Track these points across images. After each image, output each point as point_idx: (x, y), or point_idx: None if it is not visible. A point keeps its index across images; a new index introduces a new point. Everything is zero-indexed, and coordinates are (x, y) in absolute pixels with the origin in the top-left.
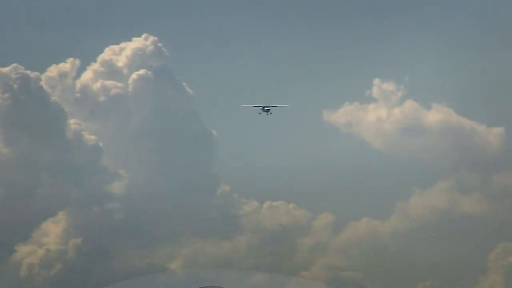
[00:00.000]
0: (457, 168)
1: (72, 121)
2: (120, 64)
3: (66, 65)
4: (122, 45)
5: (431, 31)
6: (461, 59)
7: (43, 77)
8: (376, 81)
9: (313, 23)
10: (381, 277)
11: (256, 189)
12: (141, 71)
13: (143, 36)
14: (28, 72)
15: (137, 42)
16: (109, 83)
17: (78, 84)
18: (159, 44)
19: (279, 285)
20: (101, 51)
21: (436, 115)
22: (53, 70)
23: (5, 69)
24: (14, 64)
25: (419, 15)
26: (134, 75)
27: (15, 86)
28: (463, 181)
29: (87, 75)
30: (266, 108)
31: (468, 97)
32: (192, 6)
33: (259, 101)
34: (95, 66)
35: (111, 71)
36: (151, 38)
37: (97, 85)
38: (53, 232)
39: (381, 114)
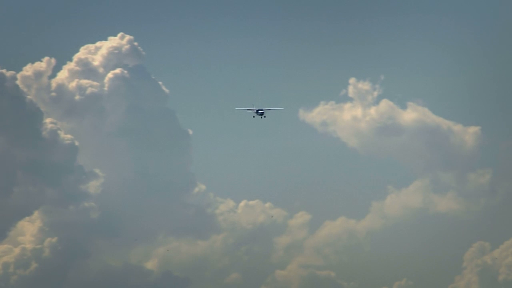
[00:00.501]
0: (433, 168)
1: (48, 120)
2: (96, 63)
3: (42, 64)
4: (98, 44)
5: (407, 32)
6: (436, 59)
7: (18, 76)
8: (352, 80)
9: (289, 23)
10: (357, 276)
11: (232, 188)
12: (117, 70)
13: (119, 35)
14: (4, 71)
15: (113, 41)
16: (85, 82)
17: (53, 83)
18: (135, 43)
19: (254, 285)
20: (77, 50)
21: (412, 114)
22: (28, 69)
23: None
24: None
25: (394, 16)
26: (110, 74)
27: None
28: (439, 181)
29: (62, 74)
30: (260, 111)
31: (444, 96)
32: (168, 6)
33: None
34: (70, 65)
35: (86, 70)
36: (127, 37)
37: (73, 84)
38: (29, 231)
39: (357, 113)
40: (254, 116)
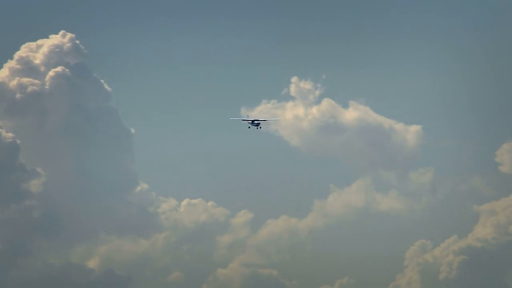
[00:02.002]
0: (375, 166)
1: None
2: (37, 61)
3: None
4: (39, 42)
5: (348, 31)
6: (377, 57)
7: None
8: (294, 79)
9: (230, 21)
10: (299, 274)
11: (175, 187)
12: (58, 68)
13: (61, 33)
14: None
15: (54, 39)
16: (25, 80)
17: None
18: (77, 41)
19: (195, 283)
20: (18, 48)
21: (353, 113)
22: None
23: None
24: None
25: (334, 16)
26: (51, 72)
27: None
28: (381, 179)
29: (3, 72)
30: (256, 122)
31: (386, 95)
32: (110, 4)
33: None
34: (11, 63)
35: (27, 68)
36: (69, 35)
37: (14, 82)
38: None
39: (299, 112)
40: (249, 127)
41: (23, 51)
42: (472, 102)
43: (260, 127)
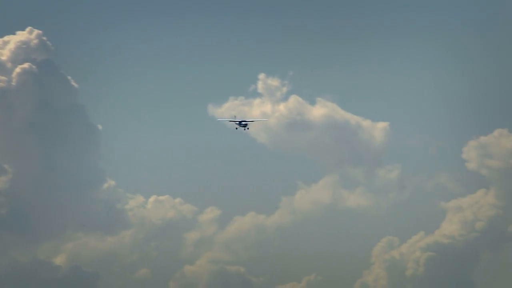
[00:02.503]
0: (342, 163)
1: None
2: (3, 57)
3: None
4: (6, 38)
5: (313, 28)
6: (344, 54)
7: None
8: (261, 76)
9: (197, 18)
10: (266, 271)
11: (142, 184)
12: (25, 65)
13: (27, 29)
14: None
15: (21, 36)
16: None
17: None
18: (44, 38)
19: (162, 280)
20: None
21: (320, 110)
22: None
23: None
24: None
25: (301, 14)
26: (18, 69)
27: None
28: (348, 176)
29: None
30: (243, 122)
31: (353, 92)
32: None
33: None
34: None
35: None
36: (36, 32)
37: None
38: None
39: (266, 109)
40: (236, 128)
41: None
42: (439, 100)
43: (248, 128)
